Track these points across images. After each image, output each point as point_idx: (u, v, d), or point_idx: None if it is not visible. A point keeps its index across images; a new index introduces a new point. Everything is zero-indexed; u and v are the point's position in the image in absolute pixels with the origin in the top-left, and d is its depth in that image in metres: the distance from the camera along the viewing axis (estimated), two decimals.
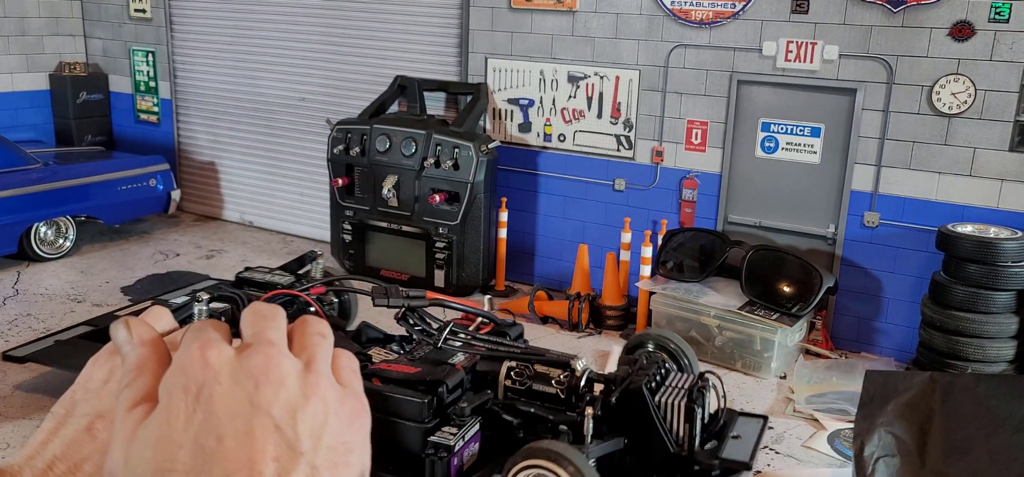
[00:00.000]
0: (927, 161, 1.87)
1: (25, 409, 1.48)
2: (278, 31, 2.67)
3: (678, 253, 2.07)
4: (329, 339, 0.35)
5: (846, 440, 1.54)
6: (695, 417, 1.29)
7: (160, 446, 0.30)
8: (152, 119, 3.00)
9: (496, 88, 2.30)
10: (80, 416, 0.41)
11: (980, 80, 1.78)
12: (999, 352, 1.74)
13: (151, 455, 0.30)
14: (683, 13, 2.03)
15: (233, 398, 0.31)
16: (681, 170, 2.12)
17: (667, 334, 1.52)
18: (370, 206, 2.30)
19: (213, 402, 0.30)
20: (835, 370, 1.86)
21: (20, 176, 2.44)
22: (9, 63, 2.90)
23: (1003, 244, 1.70)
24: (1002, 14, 1.73)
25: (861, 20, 1.86)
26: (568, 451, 1.14)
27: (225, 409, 0.30)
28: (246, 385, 0.31)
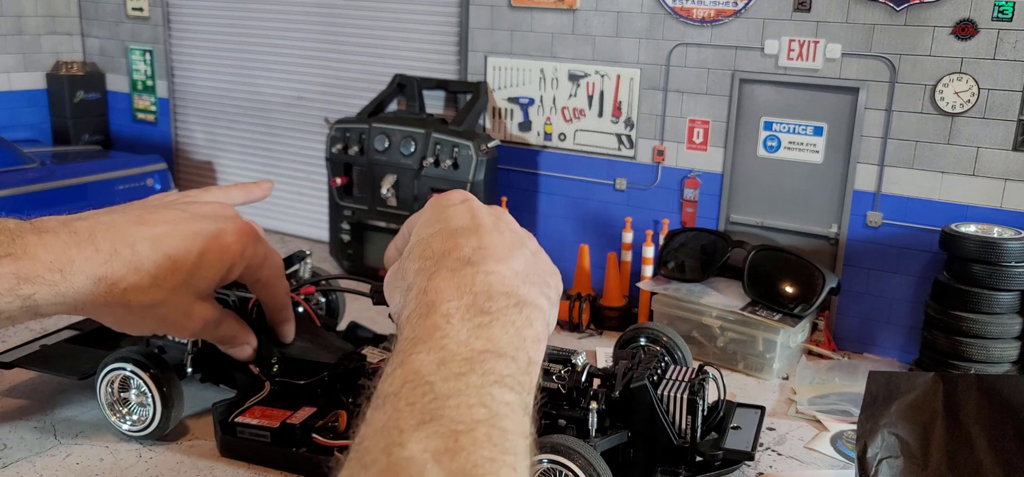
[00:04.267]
0: (930, 160, 1.85)
1: (20, 413, 1.46)
2: (276, 30, 2.66)
3: (679, 253, 2.06)
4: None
5: (849, 441, 1.52)
6: (697, 409, 1.29)
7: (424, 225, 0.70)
8: (149, 118, 2.99)
9: (496, 87, 2.29)
10: None
11: (983, 79, 1.77)
12: (1003, 353, 1.73)
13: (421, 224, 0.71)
14: (684, 11, 2.02)
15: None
16: (683, 169, 2.11)
17: (660, 327, 1.51)
18: (369, 205, 2.29)
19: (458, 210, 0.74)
20: (838, 371, 1.85)
21: (17, 175, 2.43)
22: (6, 62, 2.89)
23: (1007, 244, 1.69)
24: (1005, 12, 1.72)
25: (864, 19, 1.85)
26: (577, 444, 1.14)
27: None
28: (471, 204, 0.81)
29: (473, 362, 0.55)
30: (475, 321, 0.60)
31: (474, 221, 0.78)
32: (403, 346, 0.59)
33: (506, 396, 0.53)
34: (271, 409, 1.41)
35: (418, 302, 0.65)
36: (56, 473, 1.31)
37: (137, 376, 1.37)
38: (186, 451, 1.40)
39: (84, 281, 0.95)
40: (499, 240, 0.75)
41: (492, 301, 0.63)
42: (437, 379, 0.52)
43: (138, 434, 1.40)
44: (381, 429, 0.47)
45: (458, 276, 0.66)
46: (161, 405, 1.37)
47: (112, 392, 1.41)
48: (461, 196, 0.87)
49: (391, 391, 0.52)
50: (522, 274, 0.72)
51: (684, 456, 1.30)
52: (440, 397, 0.50)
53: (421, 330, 0.60)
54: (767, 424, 1.59)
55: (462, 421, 0.47)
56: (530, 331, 0.64)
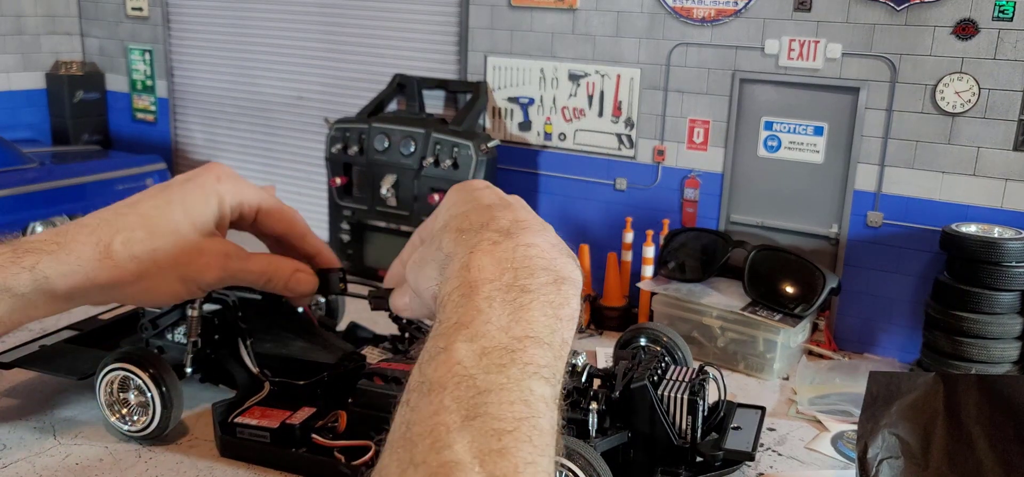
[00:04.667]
0: (931, 160, 1.85)
1: (19, 413, 1.46)
2: (276, 30, 2.65)
3: (680, 253, 2.06)
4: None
5: (849, 442, 1.52)
6: (697, 409, 1.29)
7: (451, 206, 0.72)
8: (149, 118, 2.99)
9: (496, 86, 2.28)
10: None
11: (984, 79, 1.76)
12: (1003, 353, 1.73)
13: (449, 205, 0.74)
14: (685, 11, 2.02)
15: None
16: (683, 169, 2.11)
17: (660, 327, 1.51)
18: (368, 205, 2.29)
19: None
20: (838, 371, 1.84)
21: (16, 175, 2.43)
22: (6, 62, 2.89)
23: (1007, 244, 1.69)
24: (1006, 12, 1.72)
25: (864, 18, 1.85)
26: (577, 445, 1.14)
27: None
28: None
29: (514, 353, 0.57)
30: (515, 302, 0.62)
31: (504, 199, 0.79)
32: (446, 329, 0.61)
33: (543, 390, 0.55)
34: (271, 409, 1.41)
35: (460, 279, 0.65)
36: (56, 473, 1.31)
37: (137, 376, 1.37)
38: (186, 451, 1.39)
39: (83, 247, 0.95)
40: (531, 215, 0.76)
41: (532, 277, 0.65)
42: (478, 371, 0.54)
43: (138, 434, 1.40)
44: (428, 422, 0.49)
45: (499, 250, 0.67)
46: (161, 405, 1.37)
47: (112, 392, 1.41)
48: (484, 183, 0.87)
49: (437, 380, 0.54)
50: (558, 246, 0.74)
51: (684, 456, 1.29)
52: (482, 391, 0.52)
53: (464, 313, 0.61)
54: (767, 424, 1.58)
55: (504, 419, 0.49)
56: (566, 310, 0.66)
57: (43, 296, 0.93)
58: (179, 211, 1.02)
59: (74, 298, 0.96)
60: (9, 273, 0.89)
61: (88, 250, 0.95)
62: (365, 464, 1.28)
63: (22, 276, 0.90)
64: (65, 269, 0.93)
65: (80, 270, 0.94)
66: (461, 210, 0.77)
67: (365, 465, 1.27)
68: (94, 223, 0.99)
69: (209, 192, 1.05)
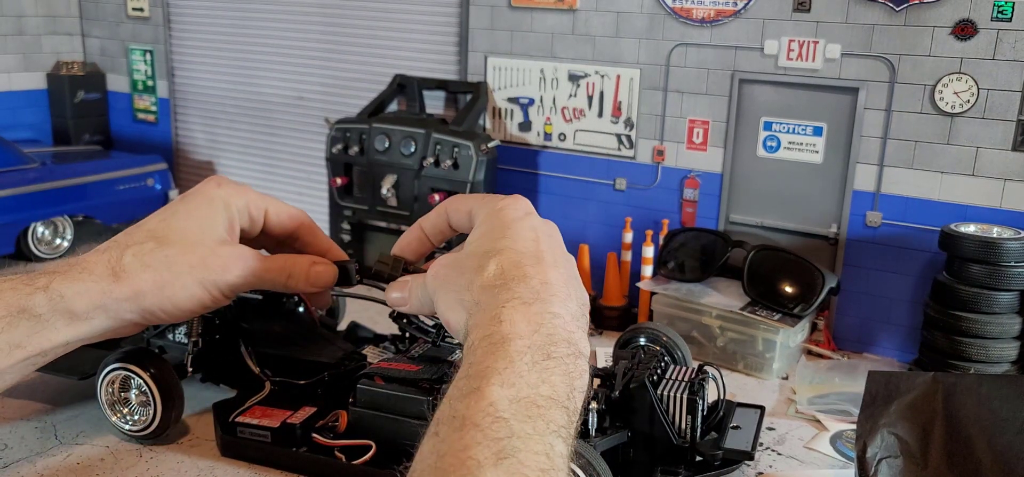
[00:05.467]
0: (930, 160, 1.86)
1: (21, 413, 1.46)
2: (276, 30, 2.66)
3: (679, 253, 2.06)
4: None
5: (848, 441, 1.53)
6: (696, 409, 1.29)
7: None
8: (150, 118, 2.99)
9: (496, 87, 2.29)
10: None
11: (983, 79, 1.77)
12: (1002, 352, 1.73)
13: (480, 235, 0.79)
14: (684, 12, 2.02)
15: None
16: (682, 169, 2.11)
17: (659, 327, 1.51)
18: (369, 205, 2.29)
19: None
20: (837, 371, 1.85)
21: (17, 175, 2.43)
22: (7, 62, 2.90)
23: (1006, 244, 1.69)
24: (1005, 13, 1.73)
25: (863, 19, 1.85)
26: (578, 444, 1.14)
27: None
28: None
29: (541, 408, 0.60)
30: (543, 365, 0.65)
31: (537, 248, 0.80)
32: (478, 370, 0.63)
33: (561, 448, 0.59)
34: (271, 409, 1.41)
35: (492, 330, 0.68)
36: (57, 473, 1.31)
37: (137, 376, 1.37)
38: (186, 451, 1.40)
39: (96, 265, 0.95)
40: (558, 276, 0.78)
41: (556, 347, 0.68)
42: (511, 416, 0.57)
43: (139, 434, 1.40)
44: (460, 455, 0.52)
45: (531, 311, 0.69)
46: (161, 405, 1.37)
47: (113, 392, 1.41)
48: (525, 208, 0.86)
49: (469, 417, 0.57)
50: (577, 317, 0.76)
51: (684, 456, 1.30)
52: (515, 436, 0.54)
53: (497, 360, 0.64)
54: (767, 424, 1.59)
55: (530, 466, 0.52)
56: (580, 381, 0.69)
57: (61, 316, 0.92)
58: (186, 221, 1.01)
59: (93, 317, 0.94)
60: (23, 294, 0.89)
61: (101, 267, 0.95)
62: (365, 463, 1.28)
63: (37, 297, 0.90)
64: (80, 287, 0.92)
65: (95, 287, 0.93)
66: (495, 245, 0.78)
67: (366, 464, 1.28)
68: (104, 246, 0.99)
69: (214, 199, 1.05)
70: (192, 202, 1.03)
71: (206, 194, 1.04)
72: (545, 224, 0.86)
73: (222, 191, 1.04)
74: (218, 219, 1.03)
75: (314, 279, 1.06)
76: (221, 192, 1.04)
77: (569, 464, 0.60)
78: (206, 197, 1.04)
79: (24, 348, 0.88)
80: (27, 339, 0.89)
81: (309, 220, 1.13)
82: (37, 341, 0.91)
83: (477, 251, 0.81)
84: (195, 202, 1.03)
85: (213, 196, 1.04)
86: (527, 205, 0.88)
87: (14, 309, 0.87)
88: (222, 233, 1.03)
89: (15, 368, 0.89)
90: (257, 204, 1.07)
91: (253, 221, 1.07)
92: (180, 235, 0.99)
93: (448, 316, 0.81)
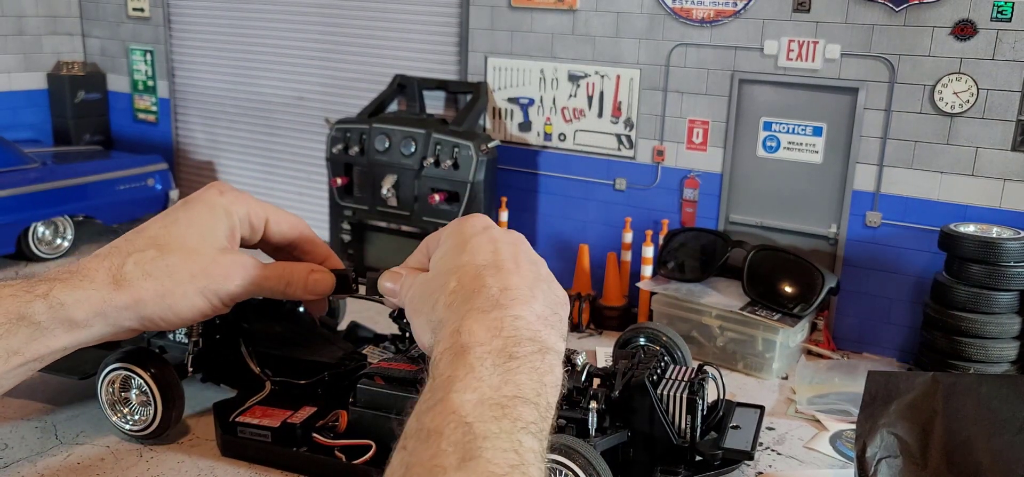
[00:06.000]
0: (929, 161, 1.86)
1: (21, 412, 1.47)
2: (276, 30, 2.66)
3: (679, 253, 2.06)
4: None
5: (848, 441, 1.53)
6: (696, 409, 1.29)
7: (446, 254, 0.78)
8: (150, 118, 2.99)
9: (496, 87, 2.29)
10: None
11: (982, 79, 1.77)
12: (1002, 352, 1.73)
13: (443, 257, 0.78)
14: (684, 12, 2.02)
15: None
16: (682, 170, 2.11)
17: (659, 327, 1.51)
18: (369, 205, 2.29)
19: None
20: (837, 371, 1.85)
21: (18, 175, 2.43)
22: (7, 62, 2.90)
23: (1005, 244, 1.70)
24: (1004, 13, 1.73)
25: (863, 19, 1.85)
26: (578, 444, 1.14)
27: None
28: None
29: (505, 407, 0.60)
30: (505, 367, 0.65)
31: (496, 257, 0.81)
32: (441, 383, 0.64)
33: (532, 443, 0.59)
34: (272, 409, 1.41)
35: (452, 342, 0.69)
36: (57, 473, 1.32)
37: (138, 376, 1.37)
38: (187, 451, 1.40)
39: (96, 272, 0.94)
40: (521, 280, 0.78)
41: (519, 346, 0.68)
42: (475, 419, 0.57)
43: (139, 434, 1.41)
44: (427, 464, 0.52)
45: (488, 318, 0.70)
46: (162, 405, 1.37)
47: (113, 392, 1.41)
48: (482, 223, 0.88)
49: (434, 428, 0.57)
50: (544, 316, 0.77)
51: (684, 455, 1.30)
52: (478, 437, 0.55)
53: (458, 369, 0.65)
54: (766, 423, 1.59)
55: (498, 464, 0.52)
56: (550, 377, 0.69)
57: (61, 324, 0.92)
58: (188, 228, 1.01)
59: (92, 324, 0.94)
60: (23, 301, 0.89)
61: (101, 275, 0.95)
62: (365, 463, 1.28)
63: (36, 304, 0.90)
64: (80, 294, 0.92)
65: (95, 294, 0.93)
66: (455, 263, 0.79)
67: (366, 464, 1.28)
68: (105, 252, 0.99)
69: (215, 207, 1.05)
70: (194, 209, 1.03)
71: (208, 201, 1.04)
72: (506, 234, 0.87)
73: (224, 199, 1.04)
74: (219, 227, 1.03)
75: (312, 287, 1.07)
76: (223, 200, 1.04)
77: (544, 458, 0.60)
78: (208, 204, 1.04)
79: (22, 354, 0.88)
80: (25, 346, 0.89)
81: (309, 229, 1.14)
82: (35, 348, 0.91)
83: (440, 271, 0.83)
84: (197, 209, 1.03)
85: (215, 203, 1.04)
86: (485, 220, 0.89)
87: (13, 316, 0.87)
88: (223, 241, 1.03)
89: (12, 374, 0.89)
90: (258, 212, 1.07)
91: (253, 229, 1.07)
92: (181, 243, 0.99)
93: (421, 339, 0.83)
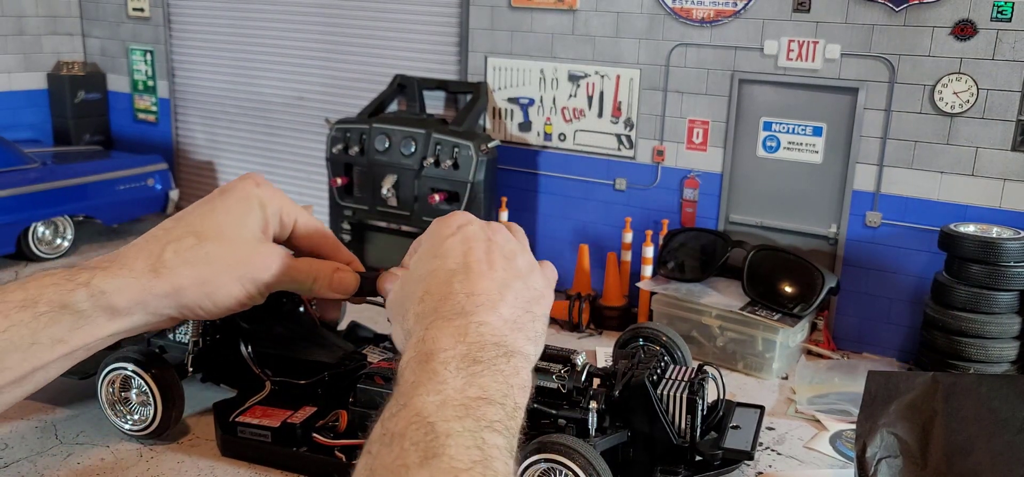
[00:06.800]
0: (929, 161, 1.86)
1: (21, 412, 1.47)
2: (276, 30, 2.66)
3: (679, 253, 2.06)
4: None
5: (848, 441, 1.53)
6: (696, 408, 1.29)
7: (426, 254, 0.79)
8: (150, 118, 2.99)
9: (496, 87, 2.29)
10: None
11: (982, 79, 1.77)
12: (1002, 352, 1.73)
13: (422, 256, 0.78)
14: (684, 12, 2.02)
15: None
16: (682, 170, 2.11)
17: (659, 327, 1.51)
18: (369, 205, 2.29)
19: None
20: (837, 370, 1.85)
21: (17, 175, 2.43)
22: (7, 62, 2.90)
23: (1005, 244, 1.70)
24: (1004, 13, 1.73)
25: (863, 19, 1.85)
26: (578, 444, 1.14)
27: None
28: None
29: (468, 407, 0.60)
30: (469, 371, 0.66)
31: (466, 261, 0.82)
32: (405, 389, 0.65)
33: (497, 440, 0.59)
34: (272, 409, 1.41)
35: (417, 350, 0.70)
36: (57, 472, 1.32)
37: (138, 376, 1.37)
38: (187, 450, 1.40)
39: (136, 261, 0.95)
40: (489, 283, 0.79)
41: (483, 351, 0.69)
42: (437, 419, 0.58)
43: (139, 434, 1.41)
44: (390, 466, 0.53)
45: (453, 325, 0.71)
46: (162, 405, 1.37)
47: (113, 392, 1.41)
48: (458, 222, 0.89)
49: (397, 431, 0.58)
50: (511, 321, 0.77)
51: (684, 455, 1.30)
52: (441, 436, 0.55)
53: (421, 375, 0.66)
54: (766, 423, 1.59)
55: (461, 460, 0.53)
56: (516, 380, 0.70)
57: (103, 312, 0.92)
58: (225, 217, 1.02)
59: (134, 312, 0.95)
60: (65, 290, 0.89)
61: (140, 263, 0.95)
62: None
63: (78, 293, 0.90)
64: (120, 283, 0.93)
65: (136, 283, 0.94)
66: (427, 269, 0.81)
67: None
68: (142, 242, 1.00)
69: (251, 198, 1.06)
70: (231, 198, 1.04)
71: (244, 192, 1.05)
72: (483, 229, 0.87)
73: (260, 191, 1.06)
74: (254, 218, 1.05)
75: (337, 285, 1.09)
76: (259, 192, 1.06)
77: (512, 453, 0.60)
78: (245, 195, 1.05)
79: (67, 343, 0.89)
80: (69, 334, 0.90)
81: (333, 235, 1.16)
82: (79, 336, 0.91)
83: (414, 277, 0.85)
84: (234, 199, 1.05)
85: (251, 195, 1.06)
86: (462, 218, 0.90)
87: (56, 305, 0.88)
88: (258, 232, 1.04)
89: (58, 362, 0.90)
90: (289, 211, 1.09)
91: (284, 226, 1.09)
92: (219, 232, 1.00)
93: (397, 344, 0.84)
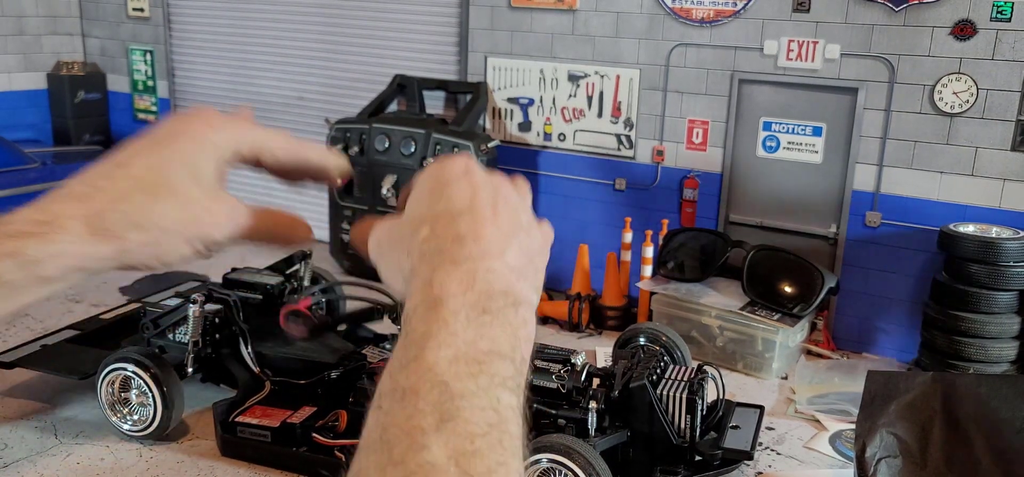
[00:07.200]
0: (929, 161, 1.86)
1: (21, 412, 1.47)
2: (276, 30, 2.66)
3: (679, 253, 2.06)
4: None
5: (848, 441, 1.53)
6: (696, 409, 1.29)
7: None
8: (150, 118, 2.99)
9: (496, 87, 2.29)
10: None
11: (982, 79, 1.77)
12: (1001, 352, 1.74)
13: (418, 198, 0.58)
14: (684, 12, 2.02)
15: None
16: (682, 170, 2.11)
17: (659, 327, 1.51)
18: (369, 205, 2.29)
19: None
20: (837, 371, 1.85)
21: (18, 176, 2.43)
22: (7, 62, 2.89)
23: (1005, 244, 1.70)
24: (1003, 13, 1.73)
25: (863, 19, 1.85)
26: (577, 444, 1.14)
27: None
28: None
29: (483, 363, 0.60)
30: (479, 320, 0.65)
31: (473, 204, 0.81)
32: (415, 339, 0.64)
33: (510, 399, 0.59)
34: (271, 409, 1.41)
35: (424, 295, 0.69)
36: (57, 472, 1.32)
37: (138, 376, 1.37)
38: (187, 450, 1.40)
39: (74, 222, 0.93)
40: (496, 229, 0.78)
41: (492, 300, 0.68)
42: (450, 377, 0.58)
43: (139, 434, 1.41)
44: (404, 425, 0.52)
45: (461, 270, 0.71)
46: (161, 405, 1.37)
47: (113, 392, 1.42)
48: (463, 166, 0.88)
49: (409, 387, 0.57)
50: (517, 269, 0.77)
51: (683, 455, 1.30)
52: (455, 396, 0.55)
53: (431, 325, 0.65)
54: (766, 423, 1.59)
55: (476, 422, 0.53)
56: (524, 331, 0.70)
57: (35, 281, 0.91)
58: (178, 169, 0.99)
59: (69, 276, 0.93)
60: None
61: (79, 224, 0.93)
62: None
63: (5, 264, 0.89)
64: (56, 249, 0.91)
65: (73, 248, 0.92)
66: (431, 211, 0.79)
67: None
68: (81, 191, 0.97)
69: (205, 143, 1.03)
70: (183, 145, 1.02)
71: (198, 138, 1.03)
72: (489, 177, 0.87)
73: (215, 136, 1.04)
74: (209, 167, 1.03)
75: (294, 239, 1.09)
76: (214, 137, 1.04)
77: (520, 412, 0.61)
78: (198, 141, 1.03)
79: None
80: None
81: (297, 143, 1.14)
82: (6, 306, 0.91)
83: (413, 216, 0.83)
84: (186, 146, 1.02)
85: (205, 141, 1.04)
86: (466, 162, 0.89)
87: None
88: (213, 181, 1.03)
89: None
90: (248, 144, 1.07)
91: (244, 162, 1.08)
92: (170, 187, 0.99)
93: (391, 283, 0.83)
